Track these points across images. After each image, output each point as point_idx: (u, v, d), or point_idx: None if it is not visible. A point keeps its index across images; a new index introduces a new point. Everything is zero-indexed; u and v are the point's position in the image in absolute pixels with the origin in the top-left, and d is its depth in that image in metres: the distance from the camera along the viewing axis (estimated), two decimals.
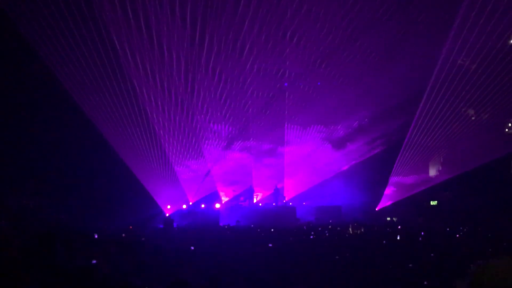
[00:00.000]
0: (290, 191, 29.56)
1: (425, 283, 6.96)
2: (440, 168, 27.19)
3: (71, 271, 3.70)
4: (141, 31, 17.17)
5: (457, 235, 17.15)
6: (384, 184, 27.38)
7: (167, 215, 23.84)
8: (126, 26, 16.95)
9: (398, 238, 15.33)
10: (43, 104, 18.74)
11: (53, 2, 15.22)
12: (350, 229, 18.94)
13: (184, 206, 25.45)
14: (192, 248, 13.73)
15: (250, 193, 28.96)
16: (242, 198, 28.55)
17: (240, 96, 22.98)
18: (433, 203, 27.25)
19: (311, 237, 17.23)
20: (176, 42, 18.42)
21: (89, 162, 20.20)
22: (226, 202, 28.15)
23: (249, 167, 28.44)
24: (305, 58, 21.29)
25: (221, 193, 28.05)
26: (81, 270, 3.67)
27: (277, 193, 28.61)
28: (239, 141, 26.52)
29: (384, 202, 27.91)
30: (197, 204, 26.33)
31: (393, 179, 26.98)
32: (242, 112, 24.11)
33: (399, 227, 20.90)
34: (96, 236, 13.22)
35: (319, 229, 19.48)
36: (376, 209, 27.93)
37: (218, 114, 23.44)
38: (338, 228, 19.08)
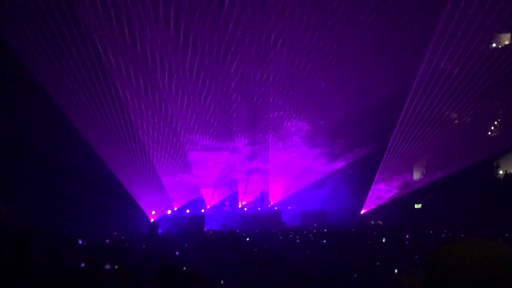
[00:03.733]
0: (275, 195, 29.55)
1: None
2: (424, 172, 27.38)
3: (51, 275, 3.61)
4: (124, 34, 17.02)
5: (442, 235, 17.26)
6: (368, 188, 27.47)
7: (152, 220, 23.66)
8: (108, 29, 16.80)
9: (384, 240, 15.37)
10: (24, 106, 18.46)
11: (35, 5, 15.04)
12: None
13: (169, 212, 25.26)
14: (177, 253, 13.62)
15: (235, 198, 28.87)
16: (227, 203, 28.45)
17: (224, 101, 22.92)
18: (417, 206, 27.40)
19: (297, 241, 17.22)
20: (160, 46, 18.31)
21: (72, 167, 19.91)
22: (211, 207, 28.02)
23: (234, 172, 28.39)
24: (289, 62, 21.31)
25: (206, 198, 27.92)
26: (60, 275, 3.57)
27: (262, 197, 28.60)
28: (224, 146, 26.40)
29: (369, 206, 28.02)
30: (182, 209, 26.15)
31: (378, 183, 27.10)
32: (226, 117, 24.03)
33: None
34: (80, 242, 13.04)
35: (304, 232, 19.47)
36: (361, 213, 28.03)
37: (202, 119, 23.31)
38: (325, 230, 19.09)
